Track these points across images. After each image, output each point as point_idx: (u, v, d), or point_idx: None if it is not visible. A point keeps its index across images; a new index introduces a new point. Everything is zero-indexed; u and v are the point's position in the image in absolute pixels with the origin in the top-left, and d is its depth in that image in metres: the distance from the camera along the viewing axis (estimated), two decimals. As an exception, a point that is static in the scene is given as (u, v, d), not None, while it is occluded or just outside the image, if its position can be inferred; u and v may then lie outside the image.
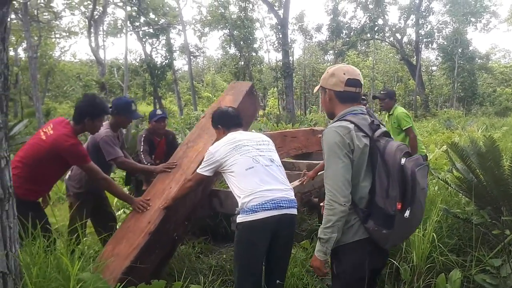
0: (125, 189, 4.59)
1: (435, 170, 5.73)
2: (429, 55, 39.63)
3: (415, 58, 27.26)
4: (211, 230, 4.19)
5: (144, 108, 32.76)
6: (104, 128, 3.43)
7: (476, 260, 3.09)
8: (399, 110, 4.94)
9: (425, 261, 3.05)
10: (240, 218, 2.42)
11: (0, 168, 1.77)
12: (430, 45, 28.01)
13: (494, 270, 2.93)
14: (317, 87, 2.18)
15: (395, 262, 3.04)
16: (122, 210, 5.68)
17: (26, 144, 2.92)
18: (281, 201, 2.42)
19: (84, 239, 2.67)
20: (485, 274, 2.92)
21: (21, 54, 25.57)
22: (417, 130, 5.40)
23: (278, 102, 31.20)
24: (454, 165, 3.80)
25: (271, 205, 2.37)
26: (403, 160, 1.82)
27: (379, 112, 19.72)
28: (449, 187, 3.95)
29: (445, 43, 29.27)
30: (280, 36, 24.03)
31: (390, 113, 5.06)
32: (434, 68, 40.68)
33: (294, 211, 2.48)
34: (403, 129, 4.84)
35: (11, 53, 23.05)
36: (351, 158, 1.84)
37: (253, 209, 2.35)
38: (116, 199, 5.94)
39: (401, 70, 35.34)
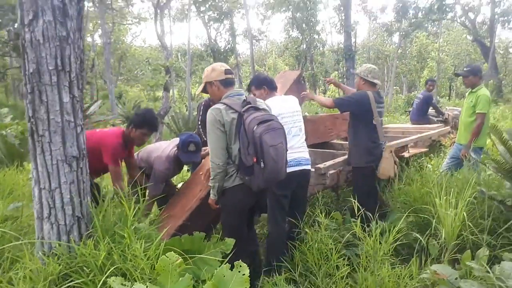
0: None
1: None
2: (509, 35, 36.50)
3: (489, 39, 25.34)
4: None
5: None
6: (166, 160, 3.62)
7: (508, 241, 3.16)
8: (484, 91, 4.71)
9: (456, 239, 3.16)
10: None
11: (76, 134, 2.24)
12: (506, 24, 25.79)
13: (523, 251, 2.99)
14: (200, 88, 3.02)
15: (421, 239, 3.19)
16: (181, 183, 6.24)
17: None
18: (302, 159, 3.22)
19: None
20: (515, 253, 2.99)
21: (97, 40, 27.45)
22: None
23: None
24: (496, 147, 3.81)
25: (295, 163, 3.12)
26: (255, 127, 2.52)
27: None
28: (487, 170, 3.96)
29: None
30: (343, 17, 23.53)
31: (472, 90, 4.82)
32: (513, 50, 37.47)
33: (309, 167, 3.36)
34: (477, 112, 4.65)
35: (89, 39, 24.83)
36: (223, 130, 2.64)
37: None
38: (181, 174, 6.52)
39: (474, 52, 33.00)
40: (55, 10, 2.07)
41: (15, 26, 12.31)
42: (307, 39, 27.44)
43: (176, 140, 3.73)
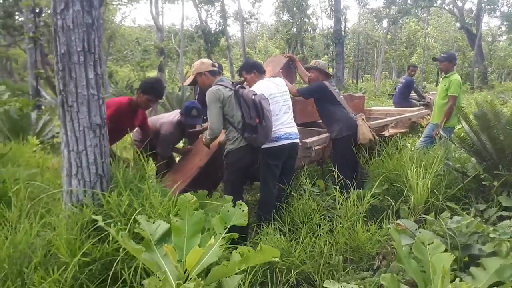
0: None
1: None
2: (498, 23, 36.93)
3: (476, 27, 25.83)
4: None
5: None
6: (170, 125, 4.06)
7: (467, 205, 3.66)
8: (456, 77, 5.17)
9: (424, 204, 3.64)
10: (264, 145, 3.55)
11: (99, 105, 2.64)
12: (492, 13, 26.31)
13: (479, 213, 3.49)
14: (190, 79, 3.78)
15: (394, 204, 3.66)
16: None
17: None
18: (292, 133, 3.69)
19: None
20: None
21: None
22: (465, 102, 5.49)
23: (328, 69, 31.07)
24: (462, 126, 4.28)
25: (286, 136, 3.61)
26: (253, 97, 3.32)
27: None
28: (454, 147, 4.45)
29: (510, 10, 27.38)
30: (333, 2, 23.78)
31: (446, 76, 5.30)
32: (503, 37, 37.97)
33: (298, 141, 3.83)
34: (449, 95, 5.10)
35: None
36: (221, 106, 3.36)
37: (274, 139, 3.54)
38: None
39: (461, 39, 33.58)
40: (82, 1, 2.46)
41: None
42: (297, 23, 27.64)
43: (177, 111, 4.15)
